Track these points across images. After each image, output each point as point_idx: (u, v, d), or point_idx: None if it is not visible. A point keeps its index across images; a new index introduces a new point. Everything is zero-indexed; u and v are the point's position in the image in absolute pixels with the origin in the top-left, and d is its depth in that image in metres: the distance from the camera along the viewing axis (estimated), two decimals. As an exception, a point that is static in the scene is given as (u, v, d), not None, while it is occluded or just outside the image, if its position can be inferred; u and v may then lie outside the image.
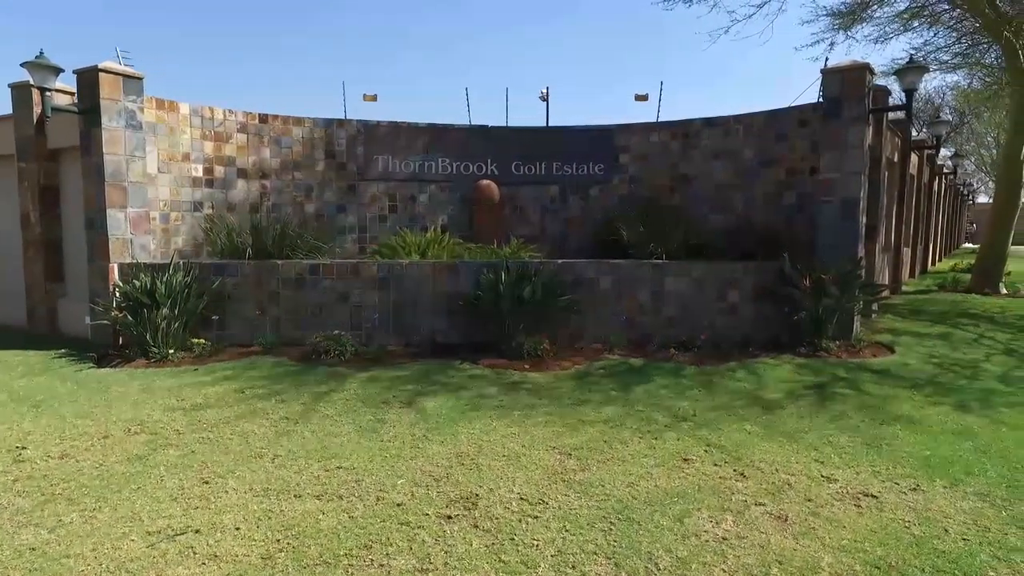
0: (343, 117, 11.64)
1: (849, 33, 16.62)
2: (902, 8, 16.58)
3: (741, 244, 9.47)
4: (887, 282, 13.64)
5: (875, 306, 11.14)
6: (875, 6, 16.20)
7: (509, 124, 12.80)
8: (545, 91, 18.14)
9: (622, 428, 5.35)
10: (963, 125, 32.52)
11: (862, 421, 5.54)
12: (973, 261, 17.04)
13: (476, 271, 8.41)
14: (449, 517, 3.73)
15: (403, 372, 7.23)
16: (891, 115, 11.64)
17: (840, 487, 4.17)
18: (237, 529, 3.56)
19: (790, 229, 9.78)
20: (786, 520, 3.70)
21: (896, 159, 13.31)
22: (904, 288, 15.10)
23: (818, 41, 17.29)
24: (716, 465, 4.55)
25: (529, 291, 7.79)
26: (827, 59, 12.95)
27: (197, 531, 3.53)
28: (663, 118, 11.86)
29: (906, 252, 16.27)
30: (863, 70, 8.90)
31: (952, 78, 24.72)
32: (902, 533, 3.55)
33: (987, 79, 17.86)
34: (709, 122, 10.94)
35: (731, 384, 6.75)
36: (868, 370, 7.36)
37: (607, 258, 9.48)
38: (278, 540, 3.44)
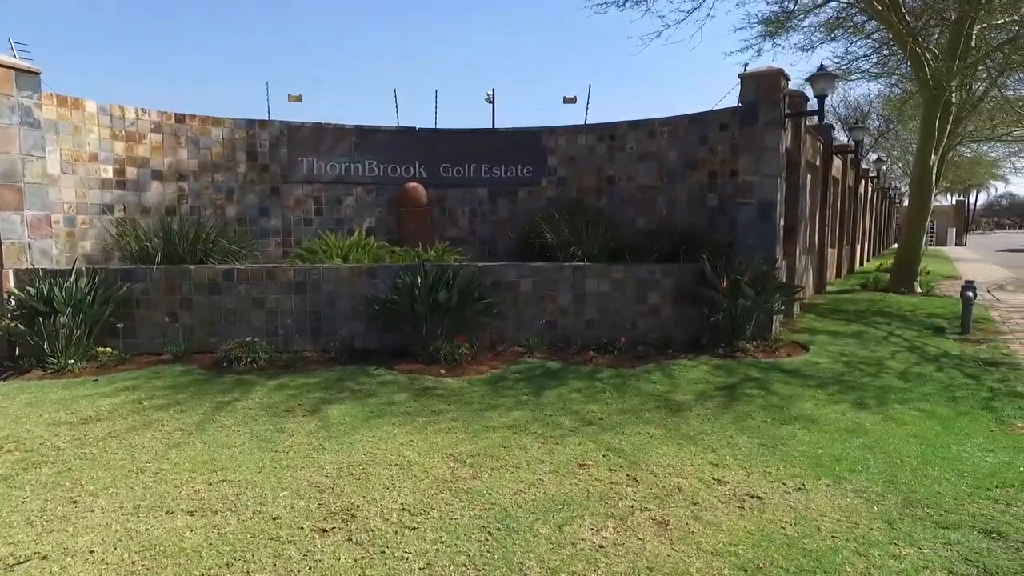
0: (266, 118, 11.35)
1: (776, 41, 17.07)
2: (826, 18, 17.15)
3: (665, 246, 9.55)
4: (811, 282, 14.01)
5: (797, 306, 11.41)
6: (800, 16, 16.71)
7: (442, 126, 12.65)
8: (491, 93, 18.01)
9: (525, 433, 5.30)
10: (889, 131, 33.80)
11: (764, 421, 5.62)
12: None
13: (394, 274, 8.27)
14: (324, 530, 3.61)
15: (314, 379, 7.04)
16: (816, 120, 11.94)
17: (728, 489, 4.19)
18: (91, 552, 3.36)
19: (712, 231, 9.93)
20: (667, 525, 3.69)
21: (818, 163, 13.67)
22: (829, 288, 15.53)
23: (747, 47, 17.72)
24: (611, 470, 4.53)
25: (444, 294, 7.69)
26: (746, 65, 13.24)
27: (44, 557, 3.31)
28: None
29: (831, 253, 16.74)
30: (777, 75, 9.10)
31: (877, 86, 25.58)
32: (777, 534, 3.57)
33: (902, 87, 18.57)
34: (634, 125, 11.04)
35: (645, 386, 6.78)
36: (779, 370, 7.50)
37: (533, 260, 9.47)
38: (133, 562, 3.26)
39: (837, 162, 16.68)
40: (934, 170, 14.79)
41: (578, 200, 11.33)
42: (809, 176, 13.47)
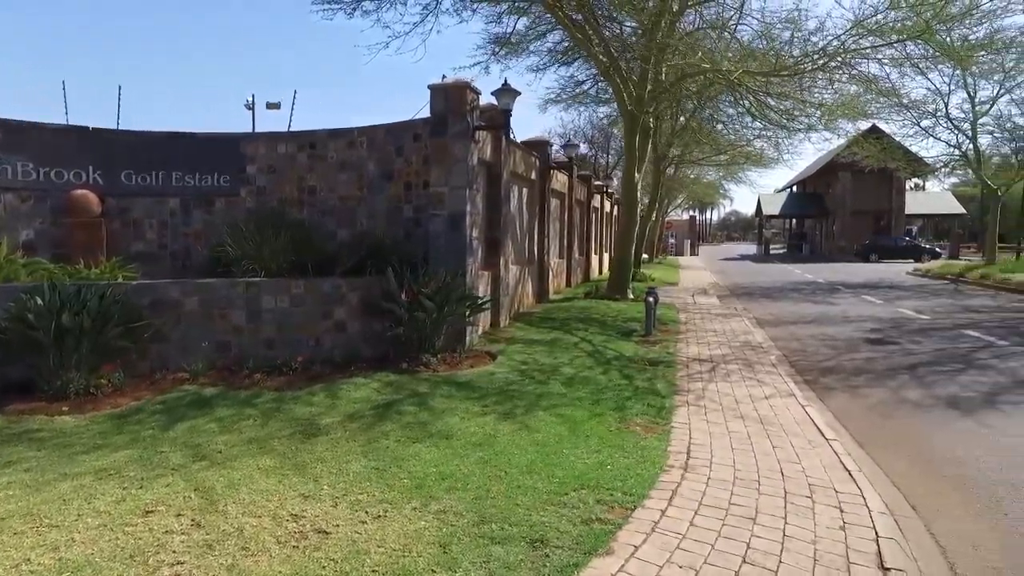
0: None
1: (505, 61, 17.80)
2: (552, 44, 18.25)
3: (363, 258, 9.20)
4: (531, 291, 14.56)
5: (506, 314, 11.70)
6: (533, 39, 17.59)
7: (124, 127, 11.23)
8: (251, 98, 16.55)
9: (113, 478, 4.54)
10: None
11: (398, 440, 5.38)
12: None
13: (10, 296, 6.97)
14: None
15: None
16: (544, 138, 12.44)
17: (298, 526, 3.81)
18: None
19: (409, 242, 9.78)
20: (188, 581, 3.20)
21: (534, 177, 14.28)
22: (553, 296, 16.31)
23: (476, 63, 18.27)
24: (179, 515, 3.95)
25: (70, 318, 6.59)
26: (444, 77, 13.48)
27: None
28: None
29: (557, 263, 17.67)
30: (464, 88, 9.20)
31: (606, 109, 27.76)
32: (312, 576, 3.25)
33: (616, 112, 20.35)
34: (334, 134, 10.59)
35: (299, 410, 6.28)
36: (451, 383, 7.40)
37: (222, 275, 8.63)
38: None
39: (561, 177, 17.67)
40: (639, 186, 16.22)
41: (279, 211, 10.61)
42: (526, 190, 14.04)
